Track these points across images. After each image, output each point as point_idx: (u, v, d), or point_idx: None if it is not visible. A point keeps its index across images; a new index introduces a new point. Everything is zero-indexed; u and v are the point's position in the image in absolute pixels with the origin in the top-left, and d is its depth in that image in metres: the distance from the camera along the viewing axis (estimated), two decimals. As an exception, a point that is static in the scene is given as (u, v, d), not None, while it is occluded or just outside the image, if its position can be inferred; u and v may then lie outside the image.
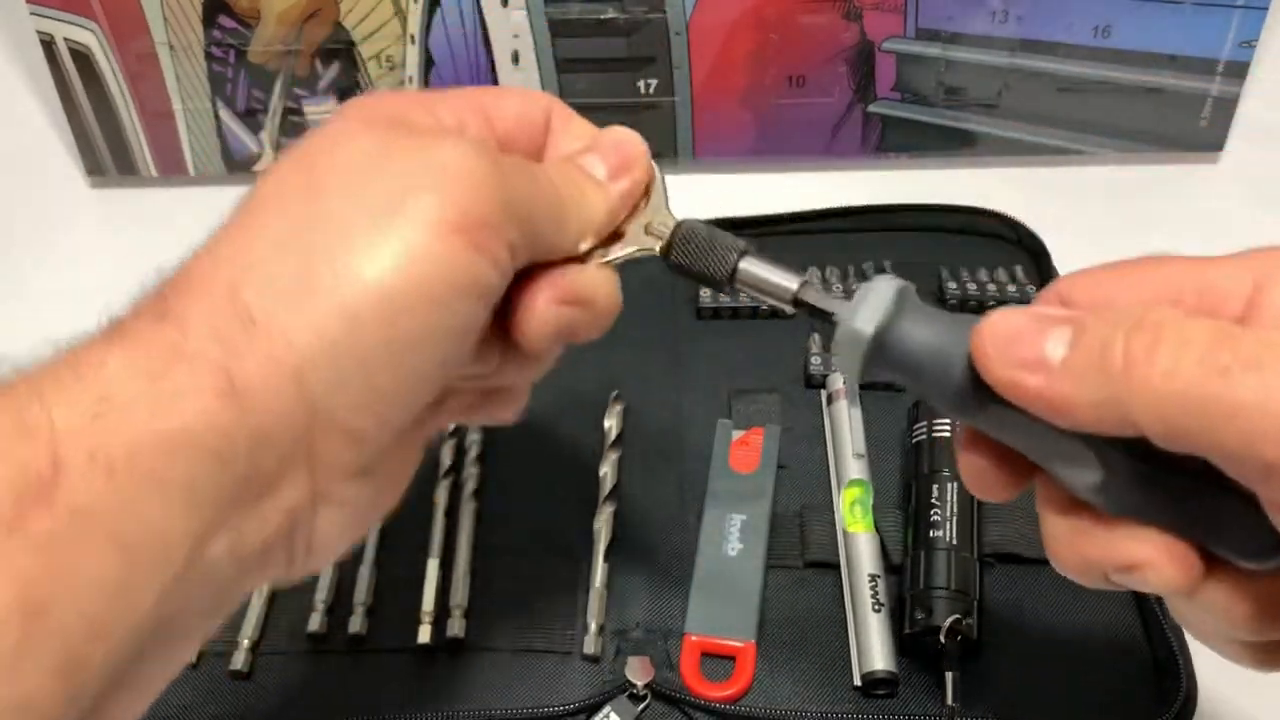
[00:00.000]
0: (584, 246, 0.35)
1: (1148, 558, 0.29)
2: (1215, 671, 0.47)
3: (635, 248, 0.36)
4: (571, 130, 0.38)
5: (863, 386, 0.57)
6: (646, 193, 0.37)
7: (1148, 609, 0.49)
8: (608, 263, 0.36)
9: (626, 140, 0.37)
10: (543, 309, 0.34)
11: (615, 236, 0.36)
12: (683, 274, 0.37)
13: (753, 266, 0.36)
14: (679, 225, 0.37)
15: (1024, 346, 0.29)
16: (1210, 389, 0.25)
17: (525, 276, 0.34)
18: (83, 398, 0.26)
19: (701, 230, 0.36)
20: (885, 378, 0.33)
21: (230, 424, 0.27)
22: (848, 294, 0.61)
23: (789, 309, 0.35)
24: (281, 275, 0.29)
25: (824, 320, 0.34)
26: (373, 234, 0.29)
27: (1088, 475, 0.29)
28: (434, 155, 0.31)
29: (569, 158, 0.36)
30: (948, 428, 0.52)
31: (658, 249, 0.37)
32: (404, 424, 0.31)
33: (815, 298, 0.35)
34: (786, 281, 0.35)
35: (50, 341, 0.28)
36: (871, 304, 0.32)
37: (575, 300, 0.34)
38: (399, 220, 0.29)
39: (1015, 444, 0.31)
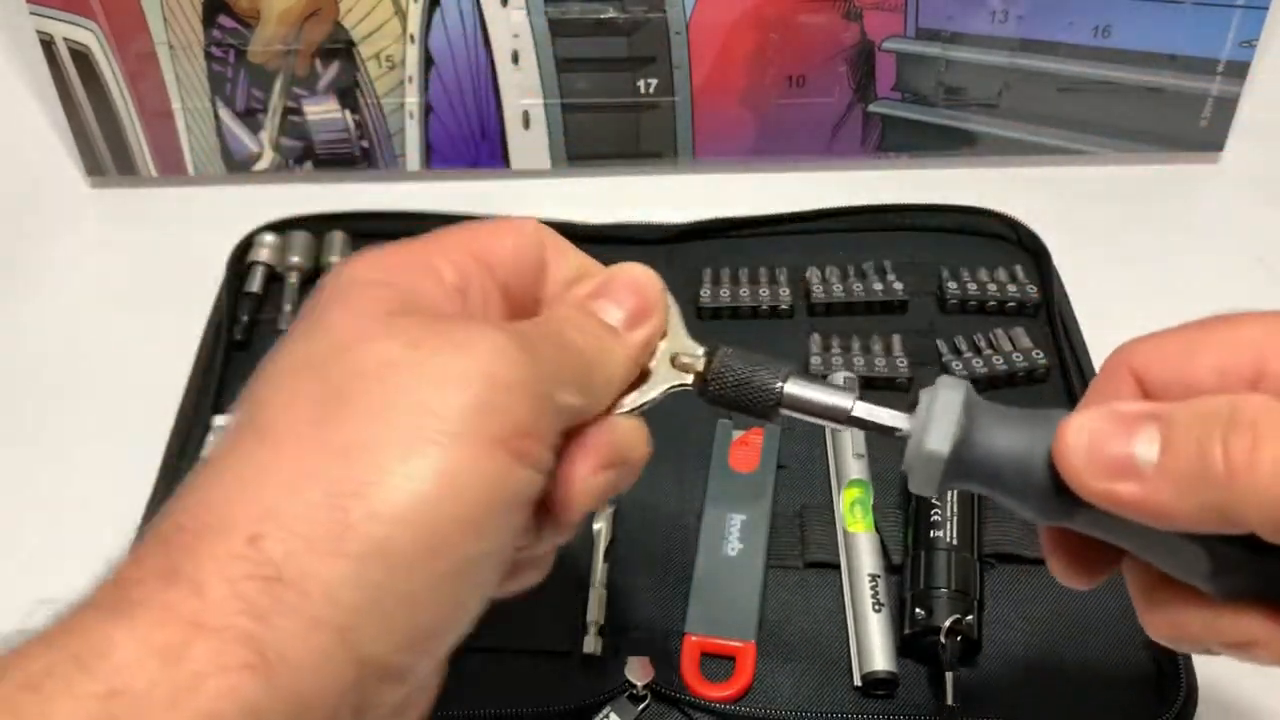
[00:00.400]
0: (603, 404, 0.33)
1: (1259, 637, 0.28)
2: (1215, 672, 0.47)
3: (666, 385, 0.34)
4: (568, 261, 0.35)
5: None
6: (668, 325, 0.35)
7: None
8: (639, 409, 0.33)
9: (642, 283, 0.34)
10: (587, 481, 0.31)
11: (641, 377, 0.34)
12: (722, 405, 0.34)
13: (799, 390, 0.33)
14: (713, 356, 0.34)
15: (1111, 452, 0.27)
16: None
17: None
18: (89, 695, 0.23)
19: (738, 359, 0.34)
20: (961, 489, 0.31)
21: (262, 699, 0.24)
22: (848, 293, 0.61)
23: (843, 429, 0.33)
24: (307, 519, 0.25)
25: (888, 436, 0.32)
26: (408, 460, 0.26)
27: (1195, 566, 0.28)
28: (468, 360, 0.27)
29: (582, 305, 0.33)
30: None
31: (690, 382, 0.34)
32: (453, 647, 0.29)
33: (876, 414, 0.32)
34: (839, 401, 0.33)
35: (45, 603, 0.25)
36: (941, 417, 0.30)
37: (616, 462, 0.32)
38: (436, 441, 0.26)
39: (1109, 540, 0.30)
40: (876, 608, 0.49)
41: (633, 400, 0.33)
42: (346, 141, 0.71)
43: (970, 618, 0.47)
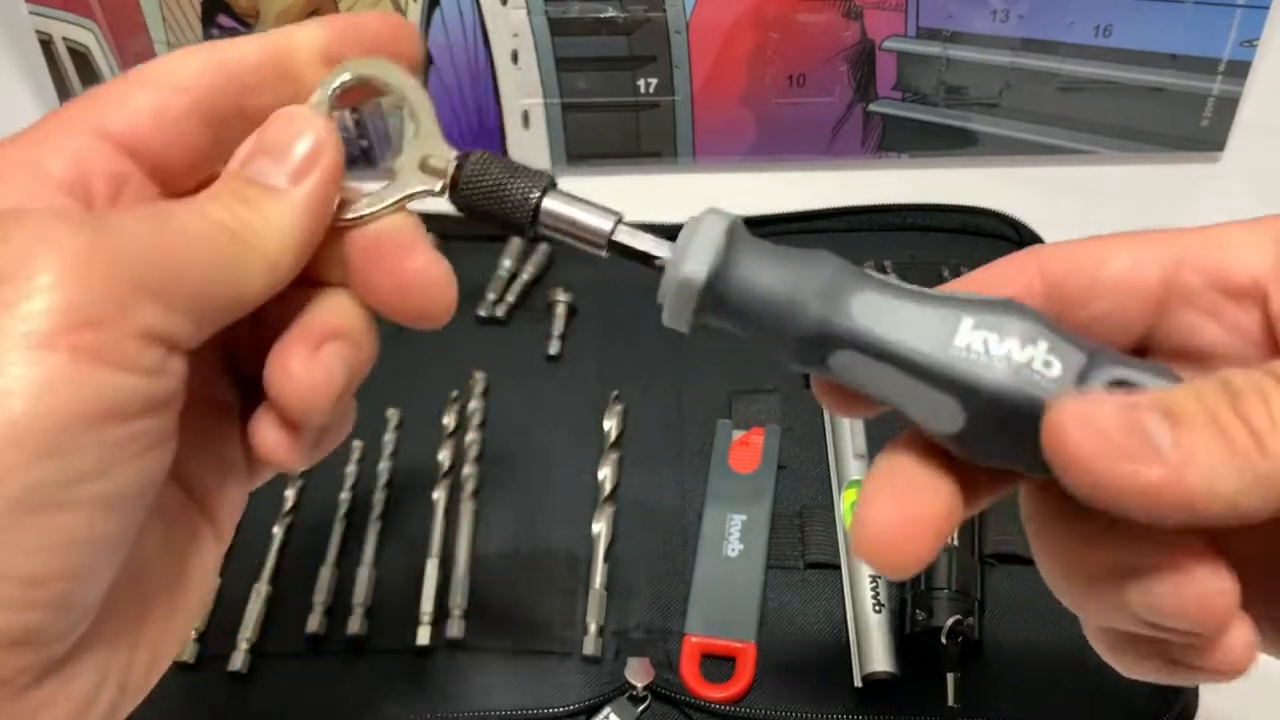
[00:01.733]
0: (283, 276, 0.28)
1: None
2: (1217, 672, 0.46)
3: (408, 191, 0.30)
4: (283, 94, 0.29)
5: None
6: (414, 118, 0.31)
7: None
8: (372, 217, 0.29)
9: (298, 118, 0.28)
10: (303, 370, 0.27)
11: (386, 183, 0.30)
12: (474, 215, 0.31)
13: (558, 205, 0.31)
14: (467, 157, 0.31)
15: (1125, 439, 0.24)
16: None
17: (260, 332, 0.28)
18: None
19: (496, 163, 0.31)
20: (718, 325, 0.29)
21: None
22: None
23: (603, 254, 0.31)
24: None
25: (646, 265, 0.30)
26: None
27: (946, 424, 0.27)
28: (4, 250, 0.23)
29: (236, 172, 0.28)
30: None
31: (439, 188, 0.31)
32: (101, 592, 0.25)
33: (637, 240, 0.30)
34: (600, 222, 0.30)
35: None
36: (701, 245, 0.29)
37: (330, 335, 0.28)
38: None
39: (857, 388, 0.29)
40: (877, 608, 0.49)
41: (365, 206, 0.29)
42: (346, 140, 0.70)
43: (971, 619, 0.47)
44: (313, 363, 0.28)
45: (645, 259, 0.30)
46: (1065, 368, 0.27)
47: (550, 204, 0.31)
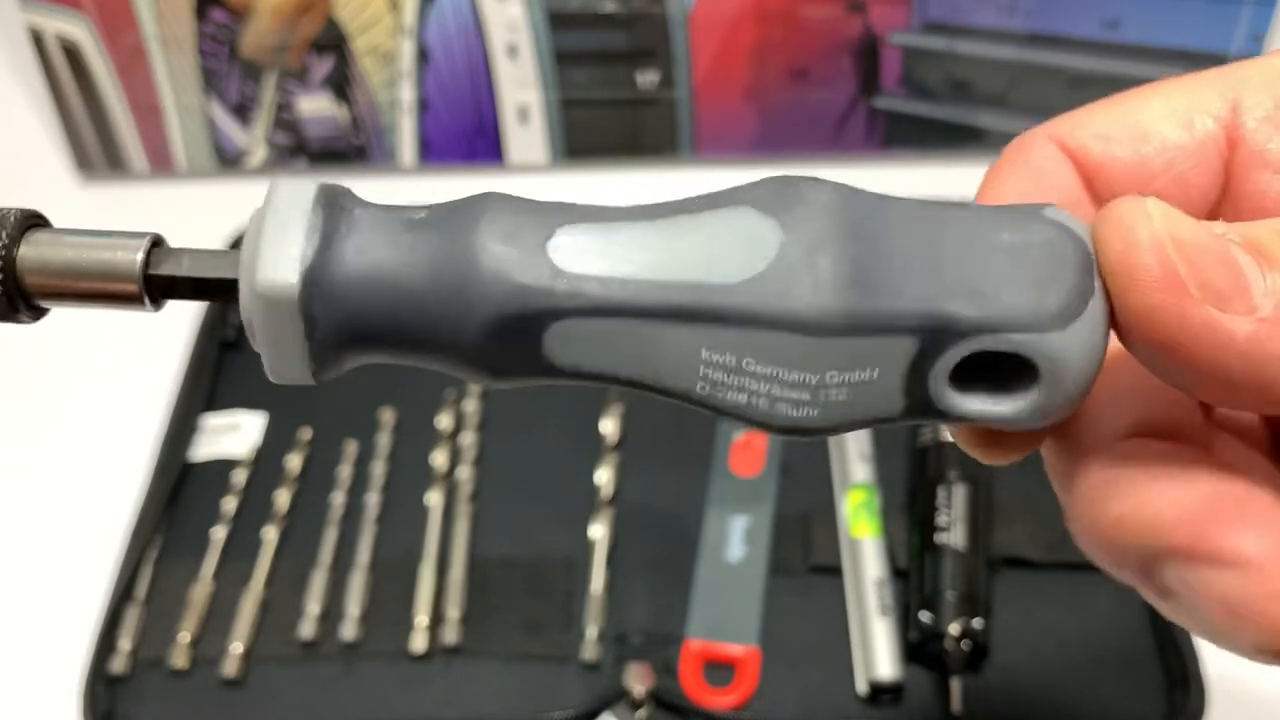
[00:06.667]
0: None
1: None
2: (1227, 682, 0.46)
3: None
4: None
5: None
6: None
7: (1160, 618, 0.48)
8: None
9: None
10: None
11: None
12: None
13: (43, 251, 0.21)
14: None
15: (1218, 270, 0.18)
16: None
17: None
18: None
19: None
20: (354, 361, 0.20)
21: None
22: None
23: (146, 307, 0.21)
24: None
25: (227, 300, 0.20)
26: None
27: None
28: None
29: None
30: (955, 429, 0.51)
31: None
32: None
33: (186, 265, 0.21)
34: (115, 254, 0.21)
35: None
36: (279, 234, 0.19)
37: None
38: None
39: (601, 376, 0.22)
40: (881, 613, 0.48)
41: None
42: (340, 137, 0.69)
43: (977, 621, 0.46)
44: None
45: (218, 290, 0.20)
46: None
47: (32, 251, 0.21)
